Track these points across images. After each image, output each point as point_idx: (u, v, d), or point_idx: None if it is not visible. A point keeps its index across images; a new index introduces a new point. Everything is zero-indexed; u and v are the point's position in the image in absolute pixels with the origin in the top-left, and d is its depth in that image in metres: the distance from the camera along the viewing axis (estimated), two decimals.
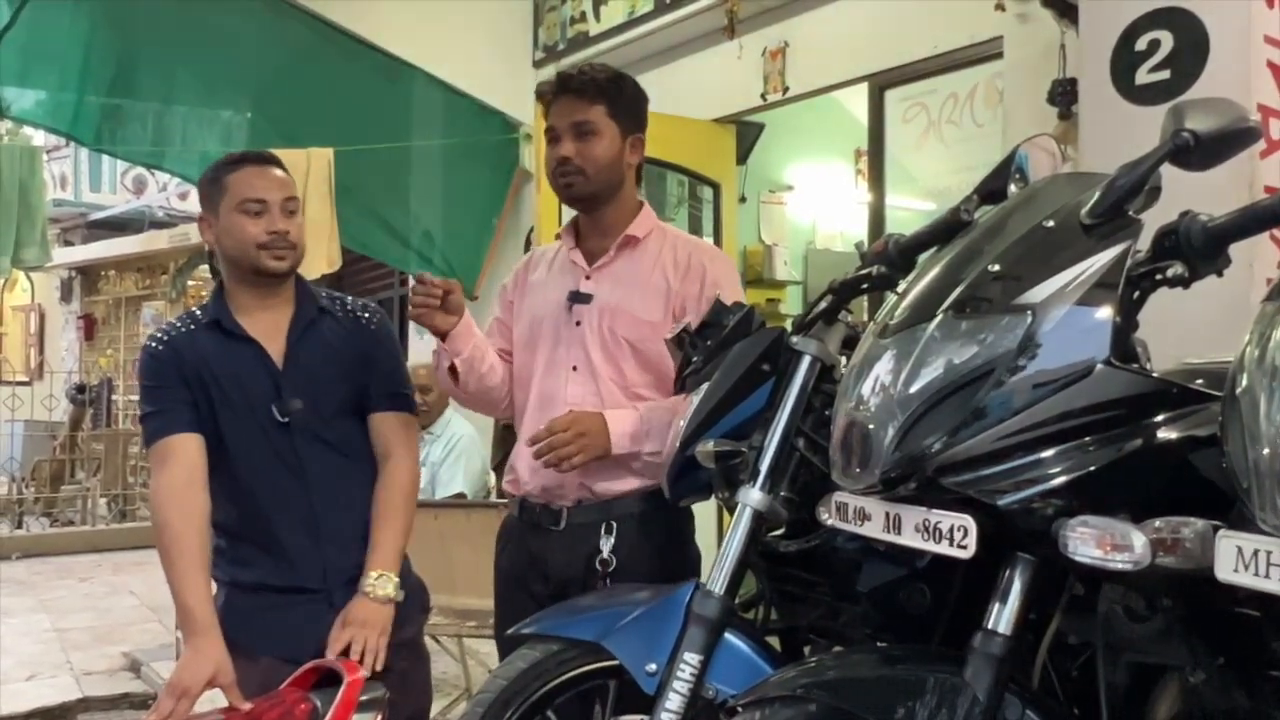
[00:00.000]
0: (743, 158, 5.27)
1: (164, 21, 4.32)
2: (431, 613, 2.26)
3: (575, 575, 1.99)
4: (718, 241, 4.79)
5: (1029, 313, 1.13)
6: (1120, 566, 1.04)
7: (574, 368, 2.05)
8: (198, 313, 2.08)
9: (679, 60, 4.77)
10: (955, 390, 1.13)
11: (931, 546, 1.17)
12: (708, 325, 1.65)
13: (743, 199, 5.56)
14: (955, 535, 1.14)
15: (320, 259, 4.56)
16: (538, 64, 5.33)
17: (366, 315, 2.14)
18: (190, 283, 10.93)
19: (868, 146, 4.04)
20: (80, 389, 9.82)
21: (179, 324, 2.06)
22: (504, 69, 5.37)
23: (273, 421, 1.98)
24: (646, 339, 2.01)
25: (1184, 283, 1.18)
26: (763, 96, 4.35)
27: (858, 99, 4.21)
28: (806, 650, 1.72)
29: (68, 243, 12.26)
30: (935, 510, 1.16)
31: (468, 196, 5.16)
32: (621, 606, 1.57)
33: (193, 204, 10.63)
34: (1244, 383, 0.90)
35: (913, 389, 1.16)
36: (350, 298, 2.18)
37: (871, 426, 1.19)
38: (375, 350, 2.11)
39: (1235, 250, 1.18)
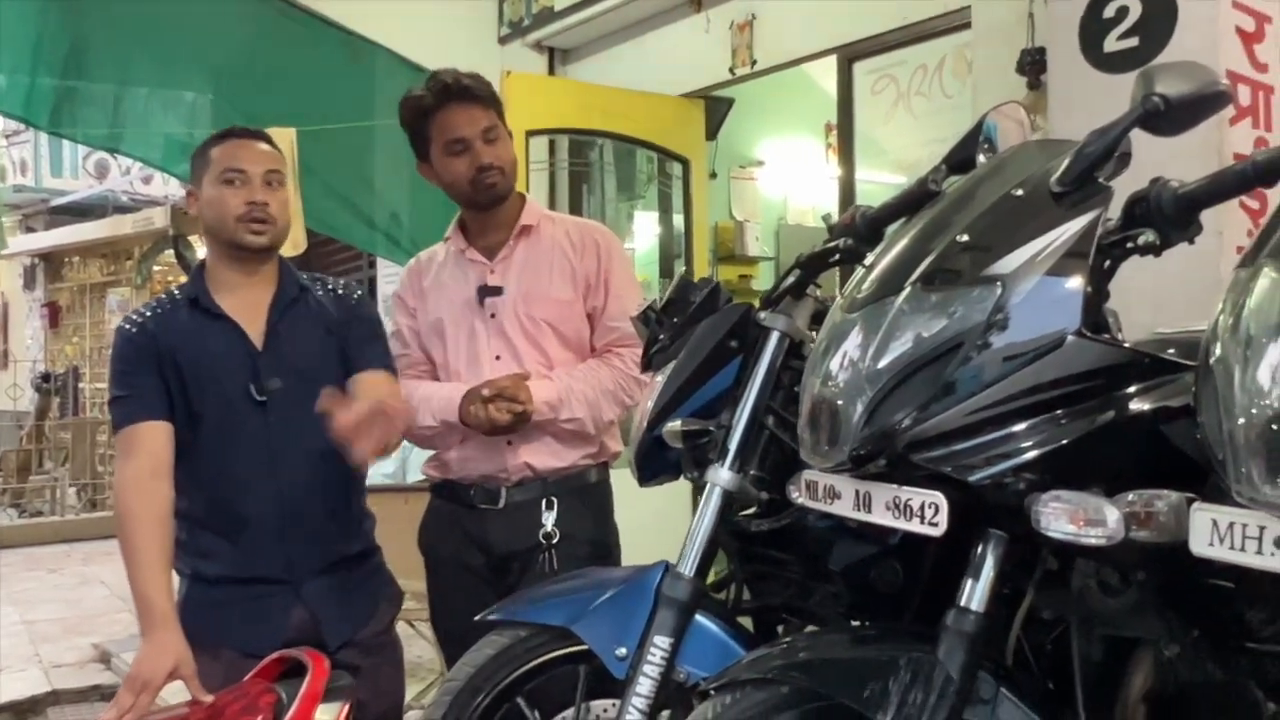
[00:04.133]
0: (713, 133, 5.23)
1: (120, 1, 4.22)
2: (405, 597, 2.24)
3: (519, 549, 2.08)
4: (688, 218, 4.76)
5: (998, 284, 1.10)
6: (1093, 542, 1.02)
7: (497, 357, 2.12)
8: (176, 292, 2.06)
9: (646, 35, 4.71)
10: (924, 365, 1.11)
11: (902, 524, 1.14)
12: (674, 302, 1.62)
13: (713, 175, 5.52)
14: (926, 512, 1.11)
15: (287, 240, 4.48)
16: (503, 40, 5.26)
17: (348, 292, 2.13)
18: (156, 268, 10.78)
19: (837, 120, 4.01)
20: (46, 377, 9.69)
21: (156, 304, 2.05)
22: (469, 46, 5.29)
23: (250, 401, 1.96)
24: (564, 318, 2.13)
25: (1155, 250, 1.16)
26: (731, 71, 4.30)
27: (827, 73, 4.16)
28: (780, 630, 1.70)
29: (30, 229, 12.06)
30: (906, 487, 1.14)
31: None
32: (590, 590, 1.55)
33: (156, 188, 10.49)
34: (1218, 351, 0.88)
35: (881, 364, 1.13)
36: (332, 278, 2.17)
37: (840, 403, 1.16)
38: (358, 322, 2.09)
39: (1205, 219, 1.16)
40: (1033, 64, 2.92)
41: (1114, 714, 1.31)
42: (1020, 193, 1.18)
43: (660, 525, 2.29)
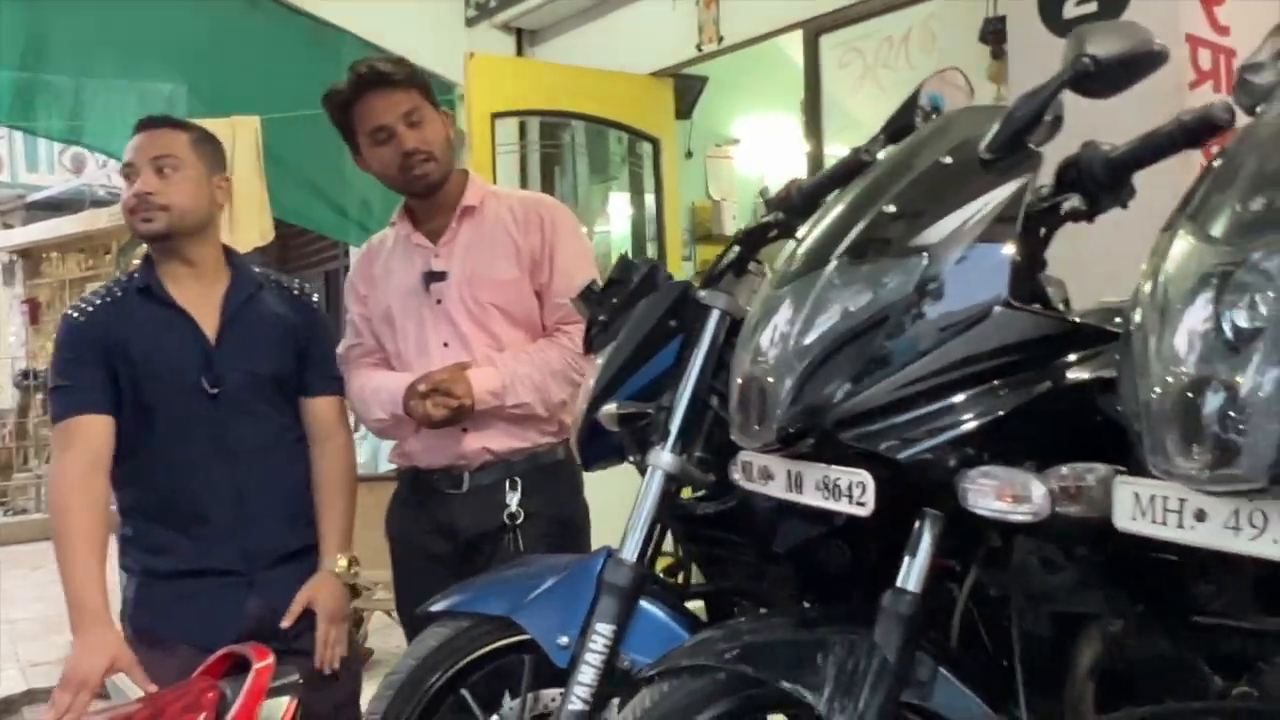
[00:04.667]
0: (687, 113, 5.17)
1: None
2: (378, 587, 2.23)
3: (486, 530, 2.05)
4: (660, 198, 4.71)
5: (924, 254, 1.07)
6: (1020, 518, 0.99)
7: (445, 344, 2.08)
8: (125, 279, 2.03)
9: (612, 13, 4.64)
10: (852, 339, 1.07)
11: (832, 505, 1.11)
12: (614, 282, 1.58)
13: (689, 154, 5.46)
14: (854, 492, 1.08)
15: (251, 231, 4.44)
16: (470, 22, 5.19)
17: (304, 296, 2.13)
18: (135, 262, 10.67)
19: (804, 94, 3.96)
20: (26, 374, 9.61)
21: (105, 292, 2.02)
22: (436, 29, 5.21)
23: (201, 394, 1.93)
24: (510, 299, 2.08)
25: (1085, 216, 1.12)
26: (698, 47, 4.25)
27: (801, 48, 4.12)
28: (736, 614, 1.67)
29: (7, 225, 11.94)
30: (835, 467, 1.11)
31: None
32: (532, 578, 1.52)
33: None
34: (1137, 318, 0.85)
35: (807, 340, 1.10)
36: (286, 277, 2.17)
37: (769, 380, 1.12)
38: (314, 333, 2.10)
39: (1166, 185, 1.12)
40: (994, 33, 2.88)
41: (1063, 692, 1.29)
42: (949, 160, 1.14)
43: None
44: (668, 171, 4.65)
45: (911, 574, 1.15)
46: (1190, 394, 0.76)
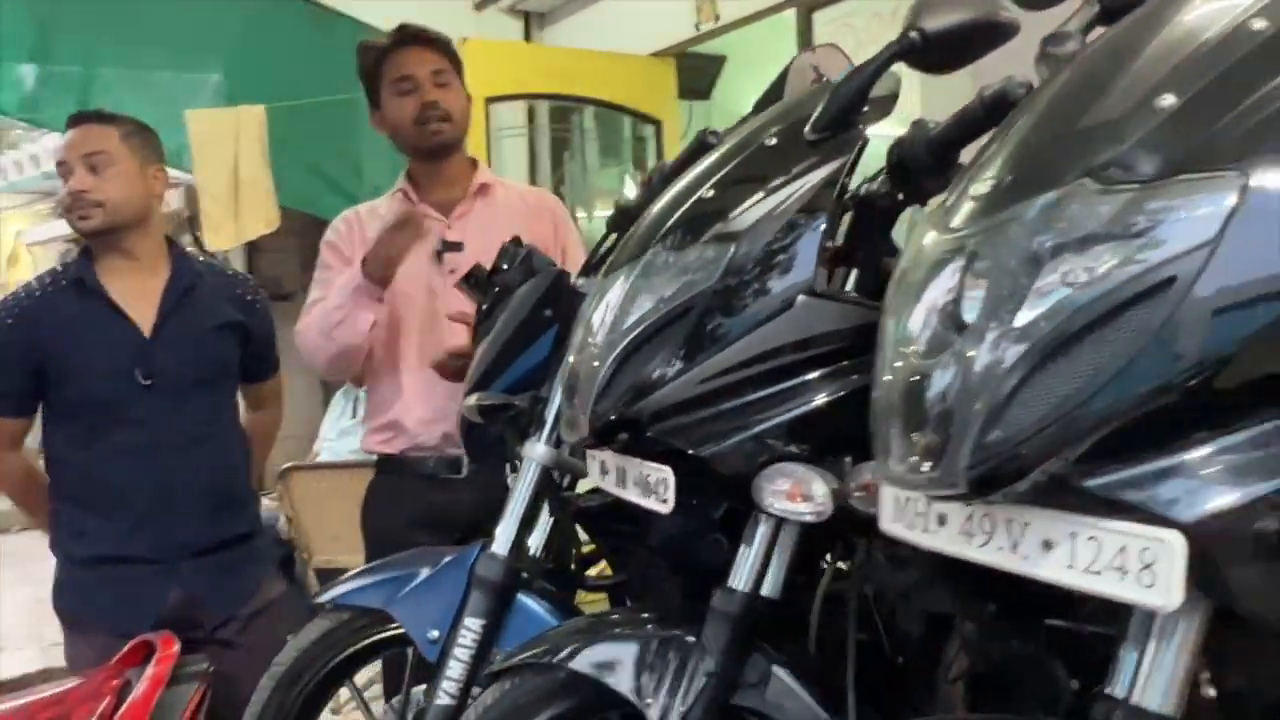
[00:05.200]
0: (705, 93, 5.11)
1: None
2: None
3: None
4: None
5: (731, 242, 1.02)
6: (805, 517, 0.94)
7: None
8: (60, 270, 2.05)
9: None
10: (659, 330, 1.03)
11: (644, 500, 1.07)
12: (498, 269, 1.55)
13: None
14: (659, 489, 1.04)
15: (258, 219, 4.49)
16: (478, 6, 5.17)
17: (246, 287, 2.17)
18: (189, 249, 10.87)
19: None
20: None
21: (36, 286, 2.04)
22: (445, 14, 5.19)
23: (134, 386, 1.95)
24: None
25: (918, 200, 1.07)
26: (696, 26, 4.19)
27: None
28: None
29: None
30: (647, 462, 1.07)
31: None
32: (411, 570, 1.50)
33: (178, 171, 10.57)
34: (886, 304, 0.79)
35: (618, 332, 1.06)
36: (231, 269, 2.26)
37: (583, 374, 1.09)
38: (254, 326, 2.13)
39: None
40: None
41: (935, 694, 1.25)
42: (774, 142, 1.09)
43: None
44: (670, 153, 4.58)
45: (742, 572, 1.11)
46: (901, 394, 0.72)
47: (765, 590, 1.12)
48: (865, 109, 1.08)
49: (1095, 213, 0.65)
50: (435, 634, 1.42)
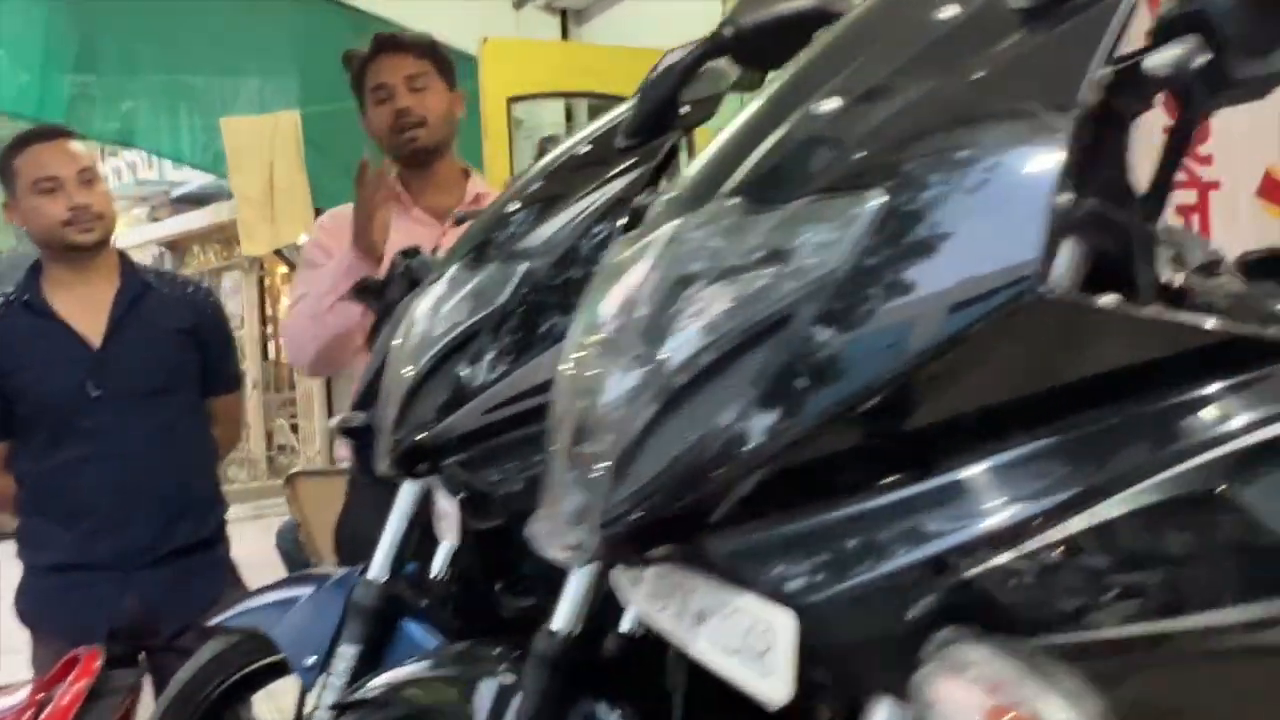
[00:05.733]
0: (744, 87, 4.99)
1: None
2: None
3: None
4: None
5: (524, 260, 0.95)
6: (565, 562, 0.87)
7: None
8: (11, 291, 2.07)
9: None
10: (443, 360, 0.97)
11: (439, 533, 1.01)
12: (389, 280, 1.50)
13: None
14: (444, 519, 0.98)
15: (294, 225, 4.53)
16: (517, 4, 5.14)
17: (198, 293, 2.15)
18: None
19: None
20: None
21: None
22: (483, 13, 5.20)
23: (85, 398, 1.96)
24: None
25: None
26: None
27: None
28: None
29: (155, 219, 12.69)
30: (444, 494, 1.00)
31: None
32: (296, 592, 1.46)
33: None
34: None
35: (415, 356, 1.00)
36: (182, 276, 2.19)
37: (388, 399, 1.03)
38: (208, 331, 2.12)
39: None
40: None
41: None
42: (586, 149, 1.02)
43: None
44: (702, 148, 4.49)
45: (562, 613, 1.04)
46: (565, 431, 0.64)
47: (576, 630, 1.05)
48: (685, 110, 0.99)
49: (733, 235, 0.56)
50: (312, 660, 1.37)
